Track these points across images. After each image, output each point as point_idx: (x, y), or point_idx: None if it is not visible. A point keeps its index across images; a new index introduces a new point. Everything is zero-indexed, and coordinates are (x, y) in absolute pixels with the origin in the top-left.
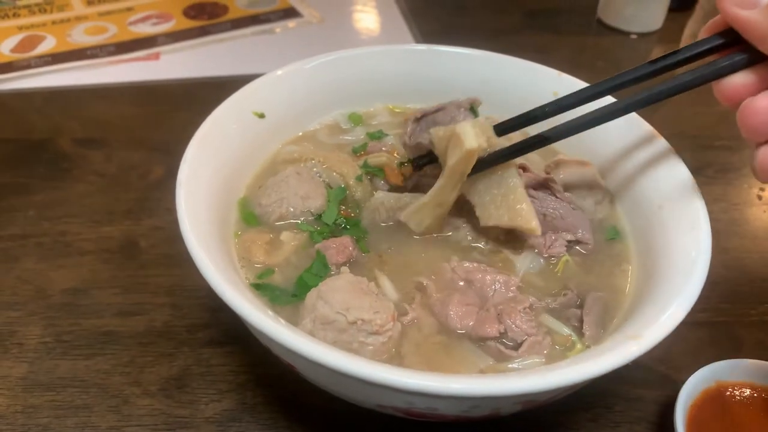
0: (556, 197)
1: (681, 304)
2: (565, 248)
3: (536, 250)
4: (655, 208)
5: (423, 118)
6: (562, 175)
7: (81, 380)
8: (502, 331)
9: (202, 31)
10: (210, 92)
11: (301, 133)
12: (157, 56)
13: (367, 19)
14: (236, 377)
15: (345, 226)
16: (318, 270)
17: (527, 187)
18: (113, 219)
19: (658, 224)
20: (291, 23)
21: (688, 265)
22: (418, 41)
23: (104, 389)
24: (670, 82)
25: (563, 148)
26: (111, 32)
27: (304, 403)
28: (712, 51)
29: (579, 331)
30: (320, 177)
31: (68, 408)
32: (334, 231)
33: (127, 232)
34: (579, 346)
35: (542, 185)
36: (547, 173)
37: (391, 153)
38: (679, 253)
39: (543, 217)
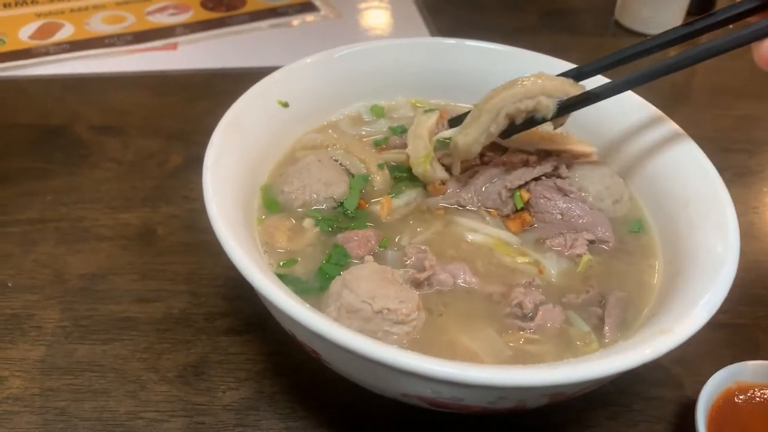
0: (570, 197)
1: (711, 299)
2: (586, 247)
3: (558, 249)
4: (681, 205)
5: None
6: (577, 177)
7: (99, 365)
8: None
9: (219, 23)
10: (227, 83)
11: (324, 123)
12: (174, 46)
13: (383, 16)
14: (254, 366)
15: (352, 216)
16: (338, 260)
17: (538, 185)
18: (130, 206)
19: (684, 221)
20: (309, 17)
21: (716, 261)
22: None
23: (122, 374)
24: (709, 43)
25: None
26: (129, 21)
27: (322, 393)
28: (749, 13)
29: (598, 329)
30: (341, 164)
31: (86, 392)
32: (341, 221)
33: (144, 219)
34: (595, 345)
35: (555, 188)
36: (558, 174)
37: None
38: (707, 249)
39: (560, 218)
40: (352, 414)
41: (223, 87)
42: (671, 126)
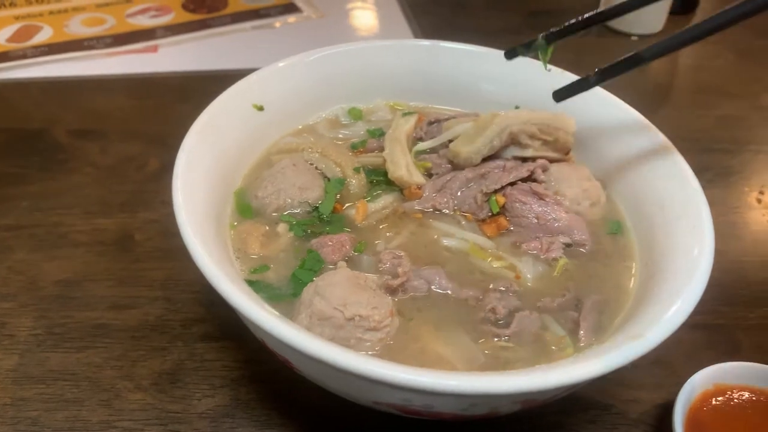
0: (545, 201)
1: (683, 305)
2: (562, 251)
3: (534, 252)
4: (657, 207)
5: (436, 123)
6: (553, 180)
7: (72, 373)
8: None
9: (201, 25)
10: (208, 86)
11: (300, 126)
12: (155, 49)
13: (367, 16)
14: (230, 373)
15: (327, 220)
16: (311, 265)
17: (514, 189)
18: (108, 211)
19: (660, 223)
20: (291, 18)
21: (690, 265)
22: (418, 39)
23: (95, 383)
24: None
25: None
26: (109, 24)
27: (298, 400)
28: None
29: (574, 333)
30: (316, 168)
31: (59, 401)
32: (316, 225)
33: (122, 225)
34: (570, 349)
35: (531, 192)
36: (534, 178)
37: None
38: (682, 252)
39: (536, 221)
40: (328, 421)
41: (204, 89)
42: (649, 128)
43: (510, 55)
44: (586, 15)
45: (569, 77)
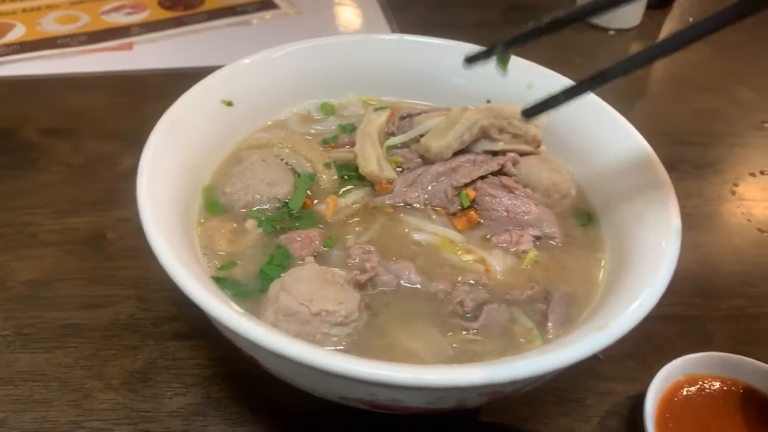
0: (515, 194)
1: (648, 296)
2: (531, 243)
3: (504, 245)
4: (626, 199)
5: (408, 117)
6: (523, 174)
7: (41, 374)
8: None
9: (177, 22)
10: (184, 83)
11: (270, 122)
12: (129, 46)
13: (345, 12)
14: (202, 371)
15: (297, 216)
16: (280, 261)
17: (484, 183)
18: (79, 210)
19: (629, 215)
20: (268, 15)
21: (657, 257)
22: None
23: (65, 383)
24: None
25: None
26: (83, 21)
27: (270, 398)
28: None
29: (542, 326)
30: (287, 163)
31: (27, 402)
32: (286, 221)
33: (93, 224)
34: (538, 341)
35: (501, 185)
36: (504, 172)
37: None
38: (649, 244)
39: (506, 214)
40: (299, 418)
41: (180, 87)
42: (620, 121)
43: (469, 62)
44: (546, 21)
45: (541, 71)
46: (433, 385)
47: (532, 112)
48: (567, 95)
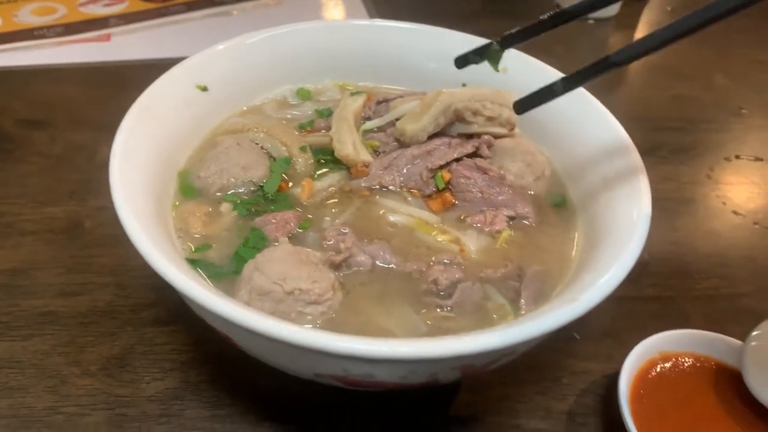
0: (489, 175)
1: (618, 269)
2: (505, 223)
3: (478, 225)
4: (599, 178)
5: (384, 102)
6: (498, 156)
7: (17, 361)
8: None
9: (156, 13)
10: (164, 74)
11: (246, 108)
12: (107, 38)
13: (326, 2)
14: (180, 356)
15: (272, 199)
16: (254, 243)
17: (459, 165)
18: (57, 200)
19: (602, 194)
20: (248, 5)
21: (627, 232)
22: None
23: (42, 370)
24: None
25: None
26: (60, 13)
27: (248, 381)
28: None
29: (515, 303)
30: (262, 147)
31: (3, 389)
32: (261, 204)
33: (71, 213)
34: (511, 317)
35: (475, 167)
36: (479, 154)
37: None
38: (621, 221)
39: (480, 196)
40: (276, 400)
41: (158, 78)
42: (592, 102)
43: (460, 62)
44: (541, 17)
45: (516, 55)
46: (405, 357)
47: (526, 104)
48: (567, 85)
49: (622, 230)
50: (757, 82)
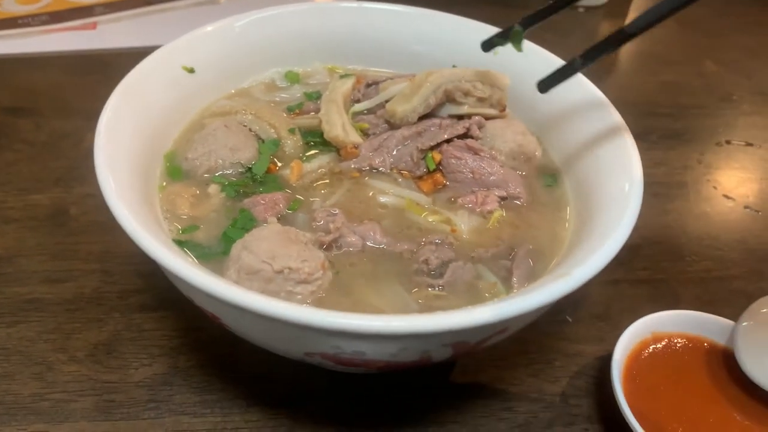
0: (480, 156)
1: (611, 244)
2: (497, 204)
3: (470, 206)
4: (591, 157)
5: (373, 84)
6: (489, 136)
7: (2, 348)
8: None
9: (141, 2)
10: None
11: (234, 90)
12: (93, 26)
13: None
14: (169, 341)
15: (261, 180)
16: (243, 224)
17: (449, 145)
18: (42, 187)
19: (594, 173)
20: None
21: (619, 209)
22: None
23: (27, 356)
24: None
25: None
26: (45, 2)
27: (238, 365)
28: None
29: (507, 282)
30: (250, 129)
31: None
32: (249, 186)
33: (56, 200)
34: (503, 295)
35: (466, 148)
36: (470, 135)
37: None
38: (612, 199)
39: (471, 176)
40: (267, 383)
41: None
42: (583, 82)
43: (487, 46)
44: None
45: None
46: (396, 332)
47: (548, 83)
48: (586, 59)
49: (614, 206)
50: (747, 68)
